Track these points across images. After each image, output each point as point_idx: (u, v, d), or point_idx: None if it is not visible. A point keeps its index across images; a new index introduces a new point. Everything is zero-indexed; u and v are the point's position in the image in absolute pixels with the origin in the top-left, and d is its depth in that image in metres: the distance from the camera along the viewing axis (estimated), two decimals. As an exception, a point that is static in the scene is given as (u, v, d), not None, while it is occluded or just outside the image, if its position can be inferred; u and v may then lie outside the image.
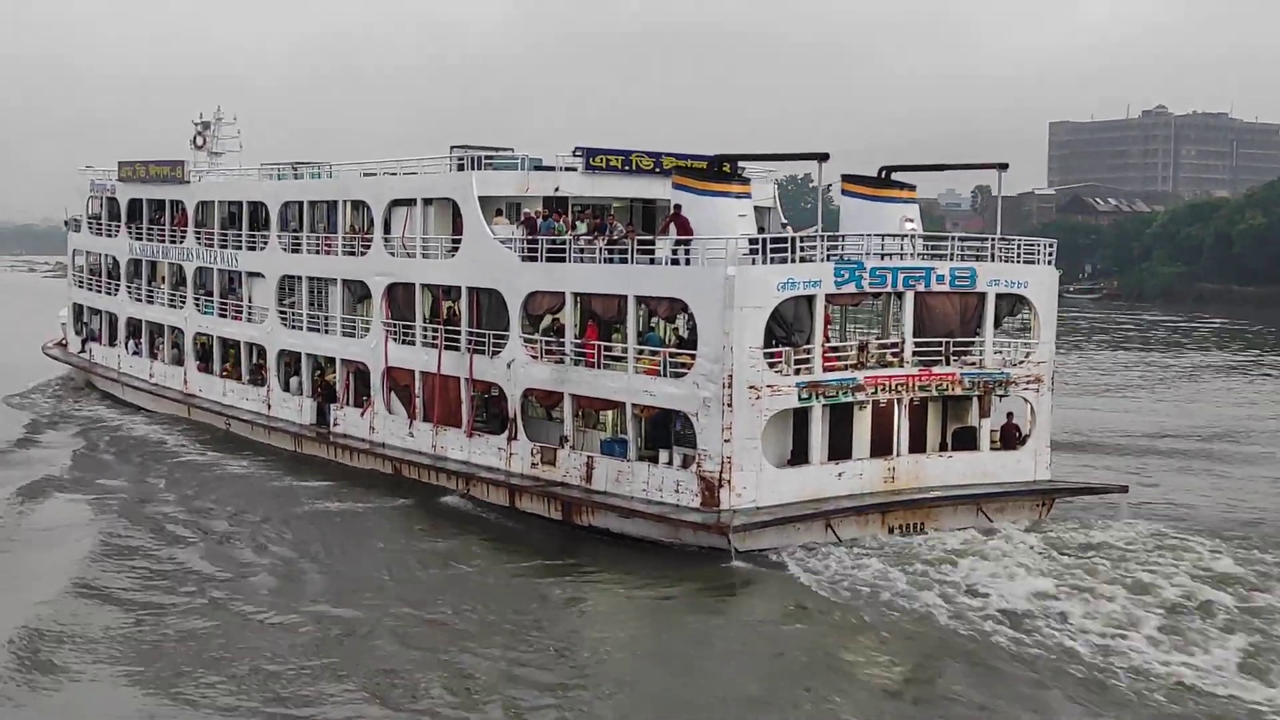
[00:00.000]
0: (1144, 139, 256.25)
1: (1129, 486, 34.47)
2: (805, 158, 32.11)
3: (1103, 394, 60.43)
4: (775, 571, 28.62)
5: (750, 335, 29.56)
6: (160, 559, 30.32)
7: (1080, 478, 36.57)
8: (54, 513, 34.52)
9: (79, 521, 33.56)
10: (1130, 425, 50.22)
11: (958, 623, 25.24)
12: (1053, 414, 34.21)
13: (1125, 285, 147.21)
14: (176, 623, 25.64)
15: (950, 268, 32.41)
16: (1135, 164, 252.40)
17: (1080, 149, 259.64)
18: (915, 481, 31.84)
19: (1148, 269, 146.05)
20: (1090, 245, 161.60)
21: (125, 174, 54.03)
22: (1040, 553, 29.54)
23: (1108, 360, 76.75)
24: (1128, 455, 43.36)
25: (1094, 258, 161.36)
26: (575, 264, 33.23)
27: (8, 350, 67.50)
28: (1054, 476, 34.11)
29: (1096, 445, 44.92)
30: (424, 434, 37.46)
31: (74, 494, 36.71)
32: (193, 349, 49.28)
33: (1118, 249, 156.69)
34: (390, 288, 38.92)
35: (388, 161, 40.88)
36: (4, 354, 66.26)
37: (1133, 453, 43.94)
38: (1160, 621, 25.02)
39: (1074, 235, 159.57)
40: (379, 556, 30.66)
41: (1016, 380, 33.26)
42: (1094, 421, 49.94)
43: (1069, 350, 76.54)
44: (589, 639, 25.01)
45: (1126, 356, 79.67)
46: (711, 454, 29.70)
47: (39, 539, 32.03)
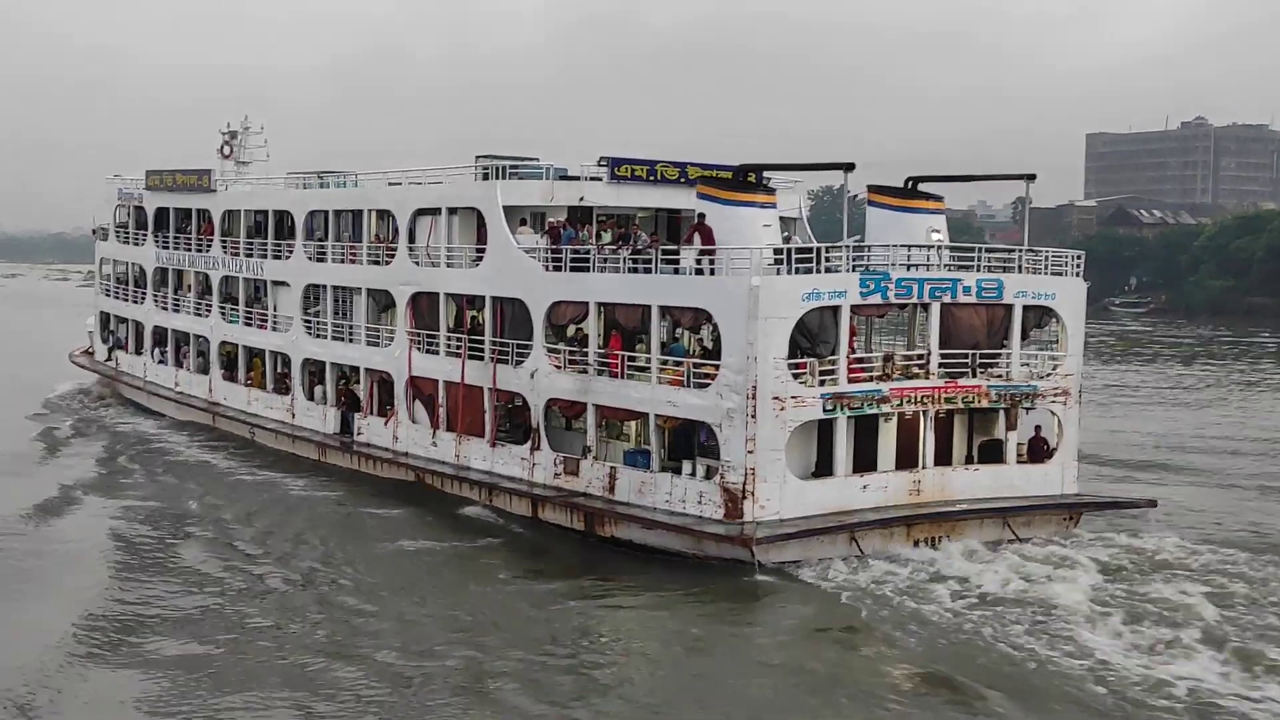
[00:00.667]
0: (1183, 150, 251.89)
1: (1157, 500, 34.08)
2: (831, 167, 31.90)
3: (1172, 406, 59.93)
4: (798, 584, 28.40)
5: (775, 346, 29.34)
6: (178, 567, 30.32)
7: (1133, 492, 36.21)
8: (75, 525, 34.40)
9: (99, 534, 33.40)
10: (1183, 439, 49.68)
11: (984, 636, 24.97)
12: (1080, 427, 33.87)
13: (1173, 299, 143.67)
14: (206, 631, 25.68)
15: (977, 279, 32.13)
16: (1174, 176, 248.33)
17: (1118, 161, 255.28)
18: (941, 495, 31.55)
19: (1196, 283, 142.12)
20: (1135, 258, 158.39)
21: (152, 183, 54.17)
22: (1069, 567, 29.21)
23: (1159, 375, 74.59)
24: (1179, 470, 43.03)
25: (1138, 271, 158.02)
26: (599, 274, 33.08)
27: (36, 360, 67.78)
28: (1082, 490, 33.78)
29: (1152, 462, 44.49)
30: (447, 444, 37.35)
31: (93, 505, 36.51)
32: (218, 358, 49.33)
33: (1164, 262, 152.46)
34: (414, 297, 38.85)
35: (412, 171, 40.85)
36: (32, 363, 66.51)
37: (1180, 469, 43.52)
38: (1203, 643, 24.60)
39: (1118, 248, 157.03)
40: (400, 567, 30.55)
41: (1044, 393, 32.94)
42: (1151, 435, 49.59)
43: (1121, 364, 75.72)
44: (608, 653, 24.78)
45: (1182, 371, 77.03)
46: (735, 465, 29.49)
47: (62, 552, 31.89)
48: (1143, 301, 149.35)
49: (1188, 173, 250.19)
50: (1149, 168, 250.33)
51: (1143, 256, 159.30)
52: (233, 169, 53.22)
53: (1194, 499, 37.80)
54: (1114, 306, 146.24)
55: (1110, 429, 49.66)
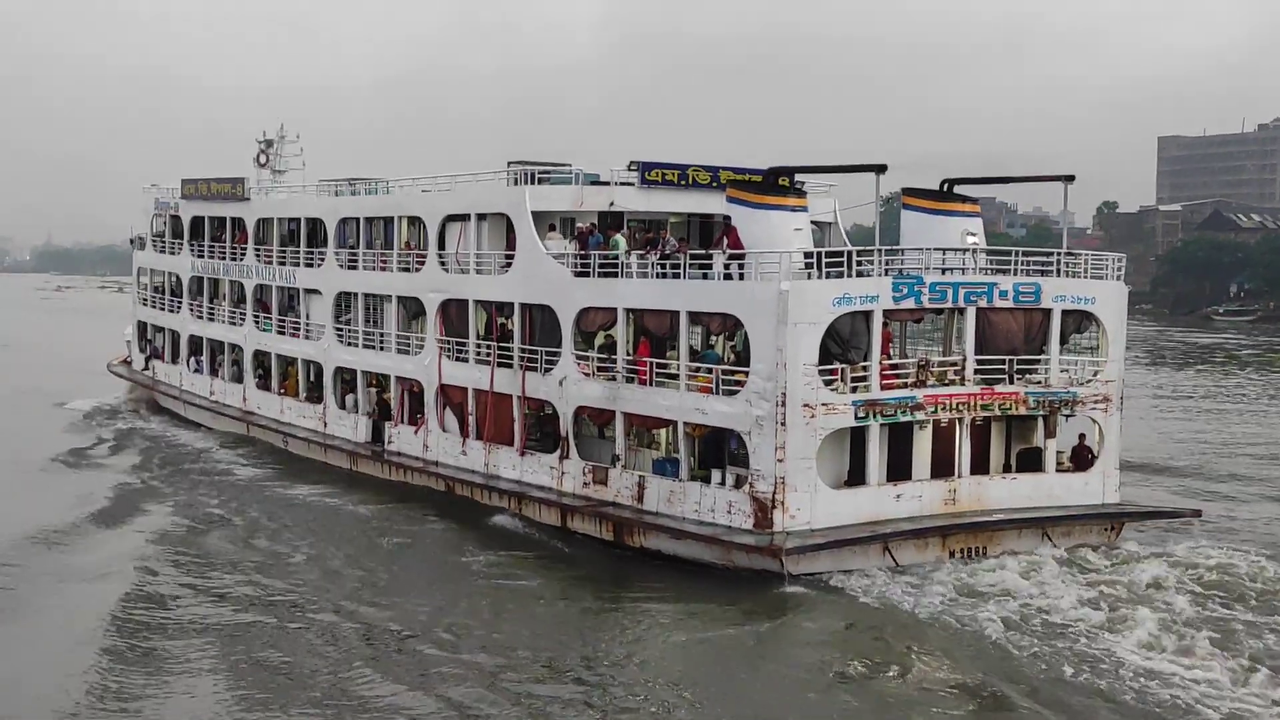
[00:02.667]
0: (1261, 153, 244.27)
1: (1202, 510, 33.17)
2: (862, 169, 31.14)
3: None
4: (830, 595, 27.72)
5: (805, 352, 28.69)
6: (201, 583, 29.95)
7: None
8: (106, 539, 34.02)
9: (122, 550, 32.87)
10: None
11: (1020, 649, 24.28)
12: (1122, 434, 32.99)
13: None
14: (235, 644, 25.50)
15: (1014, 283, 31.37)
16: (1251, 179, 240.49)
17: (1193, 165, 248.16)
18: (977, 504, 30.80)
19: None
20: (1235, 264, 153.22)
21: (188, 191, 54.11)
22: (1109, 578, 28.42)
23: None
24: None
25: (1240, 277, 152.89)
26: (627, 279, 32.53)
27: (77, 369, 68.06)
28: (1124, 499, 32.91)
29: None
30: (477, 452, 36.89)
31: (127, 517, 36.16)
32: (252, 366, 49.13)
33: (1269, 268, 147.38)
34: (444, 304, 38.44)
35: (441, 177, 40.40)
36: (71, 373, 66.73)
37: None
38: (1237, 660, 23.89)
39: (1216, 254, 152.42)
40: (430, 578, 30.12)
41: (1084, 400, 32.12)
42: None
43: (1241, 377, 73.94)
44: (634, 668, 24.21)
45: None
46: (764, 474, 28.84)
47: (87, 566, 31.52)
48: (1248, 309, 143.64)
49: (1266, 175, 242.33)
50: (1225, 171, 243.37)
51: (1245, 262, 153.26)
52: (269, 178, 53.15)
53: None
54: (1218, 316, 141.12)
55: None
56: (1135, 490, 35.60)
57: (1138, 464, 40.37)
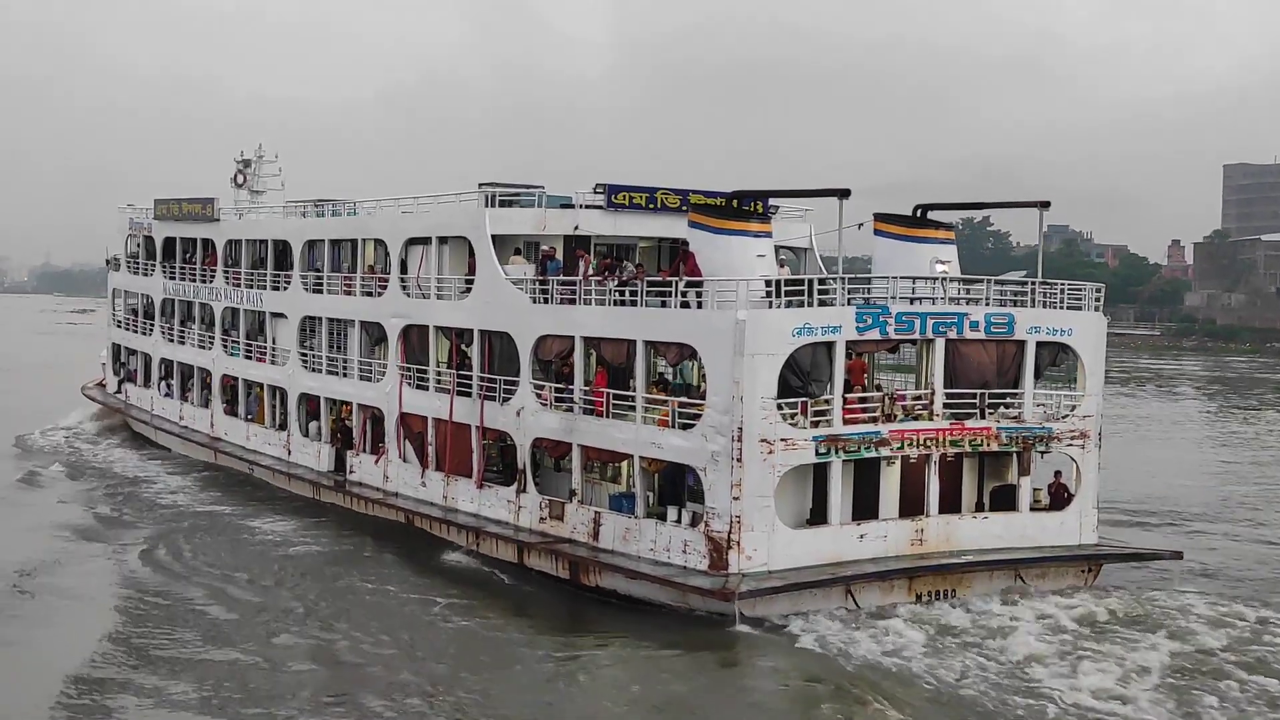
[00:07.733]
0: None
1: (1183, 552, 31.72)
2: (825, 194, 29.83)
3: None
4: (784, 641, 26.30)
5: (762, 385, 27.35)
6: (162, 615, 29.03)
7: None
8: (68, 572, 32.92)
9: (86, 584, 31.91)
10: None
11: (983, 699, 23.05)
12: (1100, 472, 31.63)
13: None
14: (193, 675, 24.84)
15: (985, 313, 30.04)
16: None
17: (1262, 193, 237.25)
18: (946, 544, 29.41)
19: None
20: None
21: (160, 212, 53.10)
22: (1080, 624, 27.04)
23: None
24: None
25: None
26: (584, 306, 31.26)
27: (54, 390, 67.03)
28: (1102, 539, 31.51)
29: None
30: (436, 484, 35.63)
31: (71, 555, 34.60)
32: (219, 391, 47.94)
33: None
34: (406, 330, 37.23)
35: (405, 199, 39.13)
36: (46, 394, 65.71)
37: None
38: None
39: None
40: (382, 623, 28.48)
41: (1060, 436, 30.76)
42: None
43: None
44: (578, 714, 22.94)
45: None
46: (720, 512, 27.51)
47: (62, 595, 30.78)
48: None
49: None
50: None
51: None
52: (246, 198, 52.01)
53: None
54: None
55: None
56: (1121, 530, 34.23)
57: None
